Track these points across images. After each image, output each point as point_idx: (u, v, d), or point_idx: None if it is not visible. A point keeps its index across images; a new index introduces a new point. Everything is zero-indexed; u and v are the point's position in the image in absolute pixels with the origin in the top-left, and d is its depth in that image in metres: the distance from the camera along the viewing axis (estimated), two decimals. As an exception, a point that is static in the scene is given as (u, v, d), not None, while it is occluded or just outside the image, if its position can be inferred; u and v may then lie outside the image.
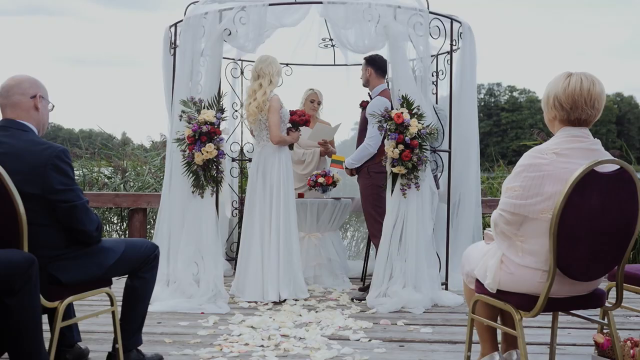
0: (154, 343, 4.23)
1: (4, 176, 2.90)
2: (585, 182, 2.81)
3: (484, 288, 3.20)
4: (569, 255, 2.88)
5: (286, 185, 5.78)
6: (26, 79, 3.29)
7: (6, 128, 3.20)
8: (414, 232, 5.48)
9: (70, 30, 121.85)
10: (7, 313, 2.77)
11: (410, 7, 5.62)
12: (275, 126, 5.73)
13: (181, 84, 5.76)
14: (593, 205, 2.85)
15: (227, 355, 3.98)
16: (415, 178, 5.46)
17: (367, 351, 4.11)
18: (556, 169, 2.89)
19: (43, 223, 3.14)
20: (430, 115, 5.60)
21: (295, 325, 4.79)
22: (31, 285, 2.81)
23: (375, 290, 5.48)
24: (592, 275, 3.00)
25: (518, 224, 3.00)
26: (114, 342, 3.55)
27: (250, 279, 5.71)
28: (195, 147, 5.47)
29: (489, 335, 3.48)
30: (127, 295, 3.64)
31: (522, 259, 3.01)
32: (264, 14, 5.62)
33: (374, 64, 6.00)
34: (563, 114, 2.99)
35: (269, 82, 5.76)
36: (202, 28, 5.76)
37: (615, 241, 2.97)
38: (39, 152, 3.13)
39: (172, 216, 5.72)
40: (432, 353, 4.11)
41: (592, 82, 2.95)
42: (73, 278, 3.22)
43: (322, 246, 6.56)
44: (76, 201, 3.18)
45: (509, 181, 3.02)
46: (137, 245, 3.58)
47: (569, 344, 4.28)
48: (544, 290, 2.93)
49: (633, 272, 3.68)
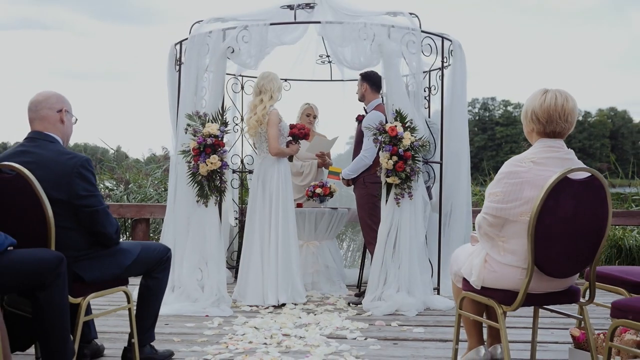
0: (163, 342, 4.51)
1: (34, 183, 3.22)
2: (559, 188, 3.13)
3: (470, 285, 3.51)
4: (545, 254, 3.19)
5: (285, 195, 6.08)
6: (53, 95, 3.61)
7: (35, 139, 3.52)
8: (407, 239, 5.78)
9: (66, 44, 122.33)
10: (38, 306, 3.08)
11: (404, 27, 5.96)
12: (274, 139, 6.04)
13: (186, 98, 6.07)
14: (567, 209, 3.17)
15: (232, 352, 4.28)
16: (409, 188, 5.77)
17: (363, 348, 4.41)
18: (533, 176, 3.21)
19: (68, 226, 3.45)
20: (423, 129, 5.91)
21: (295, 326, 5.08)
22: (60, 280, 3.12)
23: (371, 294, 5.77)
24: (566, 273, 3.31)
25: (500, 226, 3.31)
26: (129, 337, 3.85)
27: (251, 284, 5.99)
28: (200, 159, 5.77)
29: (475, 330, 3.79)
30: (141, 294, 3.94)
31: (504, 258, 3.32)
32: (265, 32, 5.95)
33: (369, 79, 6.31)
34: (540, 127, 3.31)
35: (270, 97, 6.07)
36: (206, 46, 6.08)
37: (588, 242, 3.28)
38: (64, 161, 3.44)
39: (177, 224, 6.02)
40: (423, 350, 4.42)
41: (565, 99, 3.28)
42: (95, 276, 3.52)
43: (320, 254, 6.85)
44: (98, 206, 3.49)
45: (491, 187, 3.34)
46: (152, 248, 3.89)
47: (552, 342, 4.59)
48: (523, 286, 3.24)
49: (605, 272, 4.00)
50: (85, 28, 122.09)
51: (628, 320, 2.91)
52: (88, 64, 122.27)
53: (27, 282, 3.04)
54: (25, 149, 3.48)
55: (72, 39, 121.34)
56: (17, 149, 3.51)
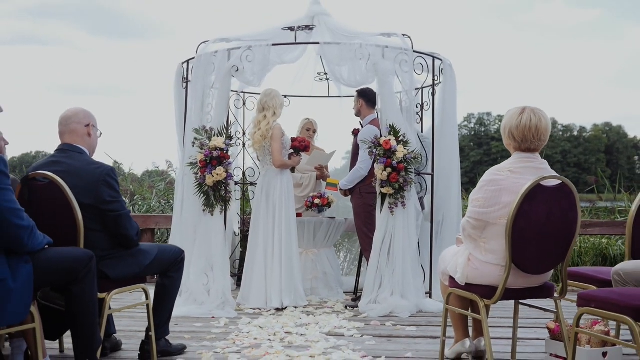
0: (175, 339, 4.86)
1: (66, 190, 3.62)
2: (533, 194, 3.54)
3: (456, 282, 3.91)
4: (521, 253, 3.59)
5: (287, 204, 6.48)
6: (81, 111, 4.02)
7: (65, 151, 3.93)
8: (400, 245, 6.17)
9: (63, 59, 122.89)
10: (72, 298, 3.47)
11: (397, 47, 6.39)
12: (277, 152, 6.44)
13: (193, 114, 6.48)
14: (540, 212, 3.57)
15: (240, 346, 4.66)
16: (402, 198, 6.17)
17: (359, 343, 4.81)
18: (510, 183, 3.62)
19: (95, 228, 3.85)
20: (415, 142, 6.32)
21: (296, 325, 5.46)
22: (91, 275, 3.52)
23: (367, 298, 6.16)
24: (540, 270, 3.72)
25: (481, 228, 3.72)
26: (147, 330, 4.23)
27: (255, 288, 6.37)
28: (206, 170, 6.16)
29: (461, 324, 4.20)
30: (157, 292, 4.32)
31: (485, 257, 3.72)
32: (268, 52, 6.37)
33: (365, 96, 6.73)
34: (516, 144, 3.74)
35: (273, 113, 6.49)
36: (212, 65, 6.50)
37: (559, 242, 3.68)
38: (92, 170, 3.85)
39: (184, 232, 6.40)
40: (415, 344, 4.81)
41: (539, 119, 3.69)
42: (118, 274, 3.91)
43: (318, 261, 7.24)
44: (121, 211, 3.90)
45: (474, 194, 3.75)
46: (167, 250, 4.28)
47: (533, 338, 4.97)
48: (502, 282, 3.64)
49: (579, 272, 4.46)
50: (82, 44, 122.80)
51: (591, 308, 3.31)
52: (85, 79, 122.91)
53: (62, 276, 3.43)
54: (57, 159, 3.89)
55: (69, 54, 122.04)
56: (49, 159, 3.92)
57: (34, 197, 3.71)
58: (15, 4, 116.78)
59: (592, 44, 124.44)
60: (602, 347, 3.86)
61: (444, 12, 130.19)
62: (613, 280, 3.84)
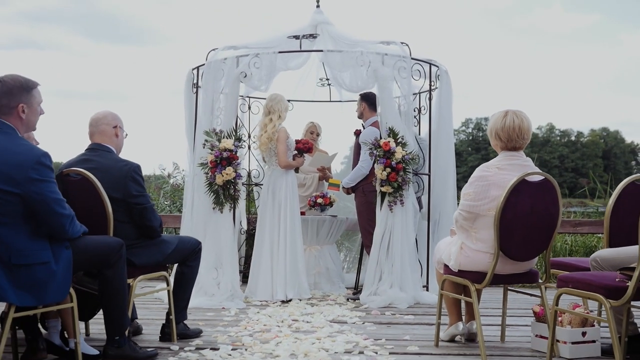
0: (190, 325, 5.23)
1: (98, 185, 4.02)
2: (518, 188, 3.94)
3: (450, 269, 4.31)
4: (508, 242, 4.00)
5: (292, 203, 6.87)
6: (109, 113, 4.42)
7: (95, 150, 4.34)
8: (399, 241, 6.56)
9: (60, 64, 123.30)
10: (105, 281, 3.87)
11: (396, 54, 6.81)
12: (283, 153, 6.83)
13: (204, 117, 6.88)
14: (525, 205, 3.97)
15: (251, 331, 5.05)
16: (400, 196, 6.57)
17: (361, 328, 5.21)
18: (498, 179, 4.02)
19: (123, 219, 4.25)
20: (413, 144, 6.72)
21: (302, 314, 5.85)
22: (122, 261, 3.92)
23: (367, 290, 6.55)
24: (526, 257, 4.12)
25: (472, 219, 4.12)
26: (167, 315, 4.63)
27: (261, 282, 6.76)
28: (216, 170, 6.56)
29: (455, 309, 4.60)
30: (177, 279, 4.72)
31: (476, 245, 4.12)
32: (274, 59, 6.78)
33: (368, 99, 7.12)
34: (502, 144, 4.15)
35: (278, 117, 6.89)
36: (221, 71, 6.90)
37: (542, 232, 4.09)
38: (120, 167, 4.25)
39: (194, 229, 6.78)
40: (412, 330, 5.21)
41: (521, 120, 4.10)
42: (143, 262, 4.32)
43: (321, 257, 7.62)
44: (146, 204, 4.30)
45: (465, 188, 4.17)
46: (186, 241, 4.69)
47: (522, 324, 5.36)
48: (491, 268, 4.04)
49: (562, 261, 4.91)
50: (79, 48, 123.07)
51: (568, 288, 3.72)
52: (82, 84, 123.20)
53: (97, 260, 3.83)
54: (88, 157, 4.29)
55: (67, 59, 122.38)
56: (81, 157, 4.33)
57: (68, 191, 4.10)
58: (13, 8, 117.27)
59: (590, 50, 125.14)
60: (582, 327, 4.25)
61: (443, 19, 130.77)
62: (591, 266, 4.23)
